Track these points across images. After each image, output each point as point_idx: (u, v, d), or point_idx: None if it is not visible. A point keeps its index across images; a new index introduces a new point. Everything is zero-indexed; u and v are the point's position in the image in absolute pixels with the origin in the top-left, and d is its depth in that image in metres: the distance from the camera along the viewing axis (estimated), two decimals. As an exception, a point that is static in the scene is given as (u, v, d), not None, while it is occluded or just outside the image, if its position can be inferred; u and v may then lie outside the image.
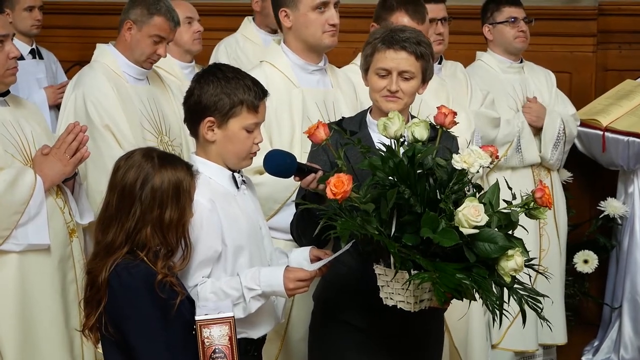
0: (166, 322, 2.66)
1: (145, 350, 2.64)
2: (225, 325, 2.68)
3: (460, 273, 2.66)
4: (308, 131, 2.97)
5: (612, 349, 5.18)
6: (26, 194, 3.29)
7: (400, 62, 3.12)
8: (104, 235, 2.71)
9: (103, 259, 2.69)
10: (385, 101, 3.16)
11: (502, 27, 4.84)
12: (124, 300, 2.65)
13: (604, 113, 5.17)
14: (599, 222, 5.25)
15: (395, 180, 2.74)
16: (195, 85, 2.97)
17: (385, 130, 2.87)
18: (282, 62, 3.75)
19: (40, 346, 3.36)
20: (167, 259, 2.73)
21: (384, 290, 2.82)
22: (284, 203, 3.59)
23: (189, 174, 2.76)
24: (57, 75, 5.33)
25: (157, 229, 2.69)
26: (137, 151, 2.79)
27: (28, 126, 3.45)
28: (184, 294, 2.73)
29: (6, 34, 3.36)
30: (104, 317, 2.67)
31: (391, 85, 3.13)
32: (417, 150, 2.78)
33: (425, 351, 3.22)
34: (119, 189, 2.71)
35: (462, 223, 2.65)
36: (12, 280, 3.31)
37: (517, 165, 4.84)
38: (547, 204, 2.78)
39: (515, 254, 2.70)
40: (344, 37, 3.91)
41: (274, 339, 3.57)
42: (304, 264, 2.99)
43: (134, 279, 2.65)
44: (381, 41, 3.15)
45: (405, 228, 2.72)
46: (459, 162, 2.75)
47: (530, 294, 2.78)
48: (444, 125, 2.97)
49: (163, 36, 3.90)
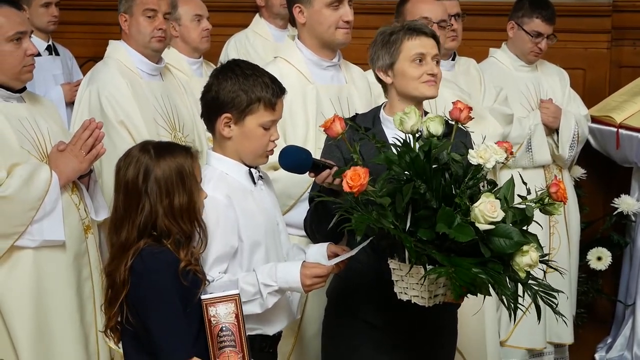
0: (185, 310, 2.67)
1: (162, 333, 2.64)
2: (231, 302, 2.68)
3: (476, 268, 2.65)
4: (324, 125, 2.96)
5: (625, 346, 5.17)
6: (42, 190, 3.29)
7: (433, 47, 3.16)
8: (118, 236, 2.72)
9: (120, 258, 2.70)
10: (428, 86, 3.15)
11: (524, 34, 4.80)
12: (147, 282, 2.66)
13: (618, 110, 5.16)
14: (613, 219, 5.24)
15: (411, 174, 2.74)
16: (213, 80, 2.96)
17: (401, 124, 2.86)
18: (296, 58, 3.75)
19: (55, 342, 3.37)
20: (188, 246, 2.73)
21: (398, 284, 2.82)
22: (298, 199, 3.59)
23: (189, 156, 2.76)
24: (72, 72, 5.34)
25: (171, 217, 2.70)
26: (133, 148, 2.80)
27: (44, 123, 3.45)
28: (207, 282, 2.75)
29: (24, 31, 3.37)
30: (125, 307, 2.68)
31: (433, 69, 3.13)
32: (433, 144, 2.78)
33: (440, 348, 3.22)
34: (123, 188, 2.72)
35: (478, 219, 2.65)
36: (27, 276, 3.31)
37: (527, 165, 4.83)
38: (562, 199, 2.77)
39: (530, 249, 2.70)
40: (358, 33, 3.91)
41: (288, 335, 3.57)
42: (321, 260, 2.98)
43: (159, 264, 2.66)
44: (406, 32, 3.15)
45: (420, 223, 2.72)
46: (475, 158, 2.75)
47: (544, 289, 2.77)
48: (459, 121, 2.96)
49: (153, 8, 3.91)
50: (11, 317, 3.30)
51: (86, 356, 3.45)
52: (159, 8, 3.93)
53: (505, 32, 4.90)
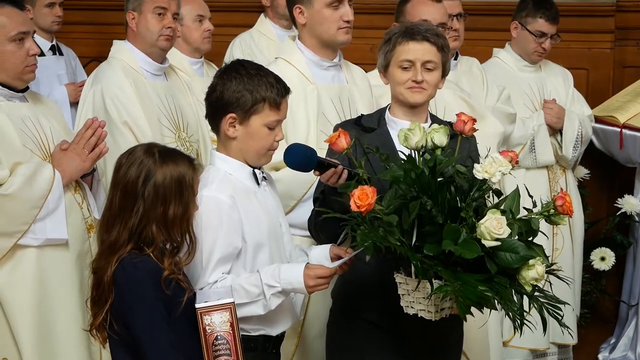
0: (171, 319, 2.65)
1: (151, 344, 2.63)
2: (226, 311, 2.67)
3: (482, 285, 2.63)
4: (329, 140, 2.96)
5: (628, 346, 5.16)
6: (44, 189, 3.30)
7: (424, 53, 3.13)
8: (108, 234, 2.71)
9: (107, 257, 2.69)
10: (411, 92, 3.15)
11: (527, 34, 4.80)
12: (130, 293, 2.64)
13: (621, 110, 5.15)
14: (616, 220, 5.24)
15: (417, 191, 2.72)
16: (218, 81, 2.95)
17: (406, 141, 2.86)
18: (297, 59, 3.75)
19: (58, 341, 3.37)
20: (173, 255, 2.72)
21: (404, 298, 2.80)
22: (301, 199, 3.59)
23: (192, 168, 2.75)
24: (76, 72, 5.35)
25: (162, 225, 2.68)
26: (138, 147, 2.78)
27: (47, 122, 3.46)
28: (191, 291, 2.73)
29: (27, 31, 3.38)
30: (110, 315, 2.67)
31: (416, 76, 3.12)
32: (438, 160, 2.77)
33: (446, 350, 3.20)
34: (122, 187, 2.70)
35: (484, 235, 2.63)
36: (30, 274, 3.32)
37: (531, 166, 4.82)
38: (568, 212, 2.76)
39: (536, 263, 2.68)
40: (361, 33, 3.91)
41: (291, 335, 3.57)
42: (324, 262, 2.98)
43: (139, 274, 2.65)
44: (401, 35, 3.15)
45: (426, 238, 2.70)
46: (481, 172, 2.73)
47: (550, 301, 2.76)
48: (463, 133, 2.96)
49: (164, 6, 3.92)
50: (14, 315, 3.30)
51: (88, 355, 3.45)
52: (169, 7, 3.94)
53: (508, 32, 4.90)
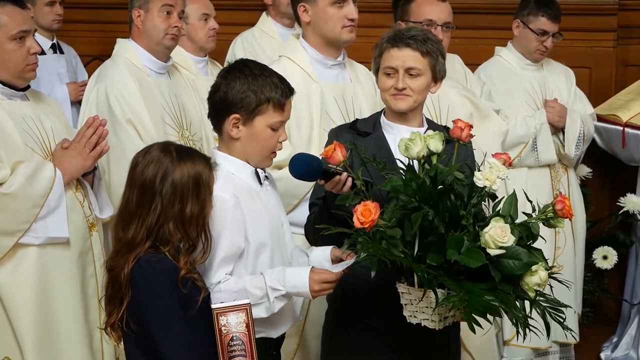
0: (187, 318, 2.66)
1: (167, 343, 2.64)
2: (242, 312, 2.67)
3: (487, 294, 2.64)
4: (325, 153, 2.95)
5: (630, 345, 5.15)
6: (46, 187, 3.30)
7: (405, 59, 3.13)
8: (125, 232, 2.71)
9: (124, 255, 2.69)
10: (394, 99, 3.16)
11: (529, 32, 4.79)
12: (147, 293, 2.65)
13: (624, 108, 5.14)
14: (619, 218, 5.23)
15: (418, 201, 2.71)
16: (222, 81, 2.92)
17: (407, 151, 2.86)
18: (300, 57, 3.75)
19: (59, 340, 3.37)
20: (189, 254, 2.72)
21: (407, 308, 2.80)
22: (302, 198, 3.59)
23: (208, 167, 2.75)
24: (77, 70, 5.35)
25: (179, 223, 2.69)
26: (154, 146, 2.78)
27: (48, 121, 3.46)
28: (207, 290, 2.74)
29: (27, 30, 3.37)
30: (126, 314, 2.67)
31: (397, 83, 3.13)
32: (439, 170, 2.77)
33: (445, 353, 3.19)
34: (139, 185, 2.71)
35: (488, 244, 2.64)
36: (31, 273, 3.32)
37: (532, 164, 4.81)
38: (567, 216, 2.78)
39: (539, 269, 2.69)
40: (364, 31, 3.91)
41: (292, 334, 3.57)
42: (324, 263, 2.97)
43: (156, 273, 2.66)
44: (387, 41, 3.17)
45: (428, 247, 2.70)
46: (482, 180, 2.74)
47: (552, 304, 2.77)
48: (460, 140, 2.96)
49: (171, 4, 3.91)
50: (15, 314, 3.30)
51: (90, 354, 3.45)
52: (175, 5, 3.93)
53: (510, 31, 4.88)
